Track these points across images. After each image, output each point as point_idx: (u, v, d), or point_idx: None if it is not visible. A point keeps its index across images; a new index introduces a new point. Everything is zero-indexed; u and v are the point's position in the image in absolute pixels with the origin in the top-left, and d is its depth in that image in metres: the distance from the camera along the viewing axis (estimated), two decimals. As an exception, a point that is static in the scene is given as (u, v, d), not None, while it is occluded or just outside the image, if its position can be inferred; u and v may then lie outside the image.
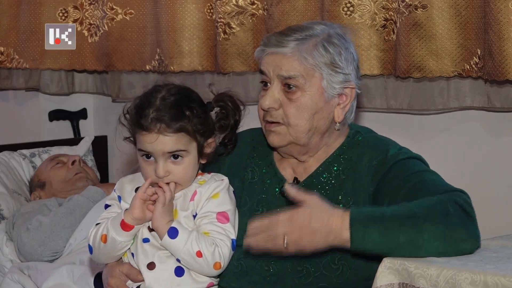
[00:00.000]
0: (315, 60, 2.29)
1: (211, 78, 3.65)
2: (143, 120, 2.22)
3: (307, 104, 2.30)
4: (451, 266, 1.99)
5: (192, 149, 2.26)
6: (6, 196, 3.61)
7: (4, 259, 3.38)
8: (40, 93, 4.15)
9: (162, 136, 2.22)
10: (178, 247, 2.20)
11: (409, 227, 2.07)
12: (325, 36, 2.32)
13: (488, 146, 3.04)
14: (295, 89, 2.30)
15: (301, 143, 2.33)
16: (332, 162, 2.36)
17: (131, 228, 2.24)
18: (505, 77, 2.75)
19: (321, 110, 2.32)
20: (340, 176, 2.34)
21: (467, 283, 1.94)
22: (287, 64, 2.29)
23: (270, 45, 2.32)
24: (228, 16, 3.43)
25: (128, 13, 3.75)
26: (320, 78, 2.30)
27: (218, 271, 2.25)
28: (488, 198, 3.02)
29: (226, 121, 2.35)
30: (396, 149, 2.34)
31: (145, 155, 2.26)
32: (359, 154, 2.34)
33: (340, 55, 2.31)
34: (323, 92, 2.31)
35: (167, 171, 2.24)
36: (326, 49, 2.30)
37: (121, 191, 2.34)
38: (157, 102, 2.23)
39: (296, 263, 2.27)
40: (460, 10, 2.91)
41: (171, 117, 2.22)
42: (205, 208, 2.27)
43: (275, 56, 2.31)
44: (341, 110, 2.34)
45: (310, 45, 2.30)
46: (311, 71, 2.29)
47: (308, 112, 2.30)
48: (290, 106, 2.30)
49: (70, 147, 3.96)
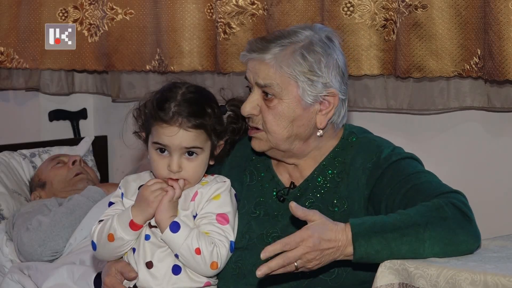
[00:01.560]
0: (290, 68, 2.26)
1: (211, 78, 3.65)
2: (164, 113, 2.23)
3: (284, 112, 2.28)
4: (451, 266, 1.99)
5: (206, 148, 2.28)
6: (6, 196, 3.61)
7: (4, 259, 3.38)
8: (40, 93, 4.15)
9: (182, 130, 2.23)
10: (178, 242, 2.20)
11: (411, 237, 2.07)
12: (306, 43, 2.28)
13: (488, 146, 3.04)
14: (272, 97, 2.28)
15: (281, 149, 2.32)
16: (327, 165, 2.35)
17: (140, 227, 2.25)
18: (505, 77, 2.75)
19: (300, 118, 2.29)
20: (335, 179, 2.33)
21: (467, 283, 1.94)
22: (263, 72, 2.28)
23: (252, 51, 2.30)
24: (228, 16, 3.43)
25: (128, 13, 3.75)
26: (296, 86, 2.27)
27: (215, 271, 2.26)
28: (488, 198, 3.02)
29: (237, 125, 2.37)
30: (389, 149, 2.32)
31: (160, 149, 2.26)
32: (353, 157, 2.33)
33: (320, 62, 2.27)
34: (300, 100, 2.28)
35: (180, 166, 2.25)
36: (304, 57, 2.26)
37: (126, 188, 2.34)
38: (179, 97, 2.25)
39: None
40: (460, 10, 2.91)
41: (193, 112, 2.24)
42: (205, 209, 2.28)
43: (255, 62, 2.30)
44: (323, 117, 2.31)
45: (287, 53, 2.27)
46: (286, 80, 2.27)
47: (285, 120, 2.28)
48: (268, 113, 2.29)
49: (70, 147, 3.97)
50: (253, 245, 2.33)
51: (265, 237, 2.33)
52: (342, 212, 2.29)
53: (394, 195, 2.22)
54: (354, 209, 2.29)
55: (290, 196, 2.35)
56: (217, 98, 2.39)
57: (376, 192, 2.26)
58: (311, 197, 2.33)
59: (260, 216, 2.36)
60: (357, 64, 3.12)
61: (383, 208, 2.22)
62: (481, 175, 3.06)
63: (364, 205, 2.28)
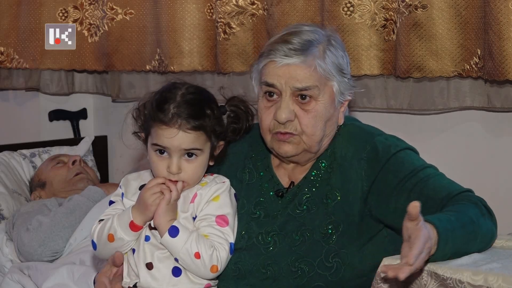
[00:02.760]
0: (328, 66, 2.28)
1: (211, 78, 3.65)
2: (163, 114, 2.22)
3: (321, 113, 2.30)
4: (453, 264, 2.00)
5: (206, 149, 2.28)
6: (6, 196, 3.61)
7: (4, 259, 3.38)
8: (40, 93, 4.16)
9: (182, 132, 2.22)
10: (177, 246, 2.20)
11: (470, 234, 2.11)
12: (326, 40, 2.31)
13: (488, 146, 3.04)
14: (309, 99, 2.29)
15: (313, 150, 2.33)
16: (321, 158, 2.36)
17: (140, 228, 2.25)
18: (505, 77, 2.75)
19: (332, 117, 2.33)
20: (327, 171, 2.34)
21: (468, 279, 1.95)
22: (301, 74, 2.27)
23: (279, 56, 2.28)
24: (228, 16, 3.43)
25: (128, 13, 3.75)
26: (332, 85, 2.30)
27: (215, 274, 2.26)
28: (488, 198, 3.01)
29: (238, 125, 2.37)
30: (383, 137, 2.34)
31: (159, 150, 2.26)
32: (343, 146, 2.34)
33: (343, 58, 2.32)
34: (334, 99, 2.31)
35: (180, 168, 2.24)
36: (332, 53, 2.30)
37: (126, 188, 2.34)
38: (178, 98, 2.24)
39: (291, 264, 2.27)
40: (460, 10, 2.91)
41: (192, 114, 2.23)
42: (204, 211, 2.27)
43: (287, 68, 2.28)
44: (342, 113, 2.36)
45: (320, 52, 2.28)
46: (324, 80, 2.29)
47: (322, 121, 2.30)
48: (306, 117, 2.29)
49: (70, 147, 3.97)
50: (253, 245, 2.33)
51: (264, 237, 2.33)
52: (336, 204, 2.30)
53: (403, 190, 2.23)
54: (349, 201, 2.29)
55: (289, 193, 2.36)
56: (217, 97, 2.39)
57: (380, 187, 2.27)
58: (307, 192, 2.34)
59: (261, 218, 2.36)
60: (357, 64, 3.12)
61: (393, 203, 2.23)
62: (481, 175, 3.05)
63: (362, 197, 2.28)
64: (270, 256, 2.30)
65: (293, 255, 2.28)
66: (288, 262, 2.27)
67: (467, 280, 1.95)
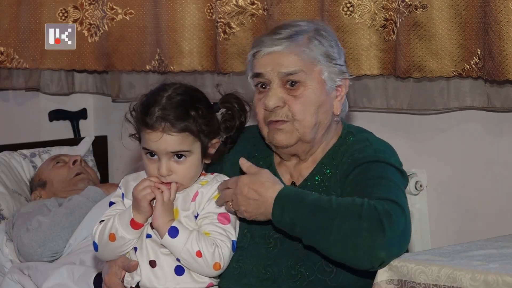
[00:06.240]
0: (312, 52, 2.30)
1: (211, 78, 3.66)
2: (148, 118, 2.22)
3: (310, 98, 2.30)
4: (452, 264, 2.00)
5: (195, 150, 2.27)
6: (6, 196, 3.61)
7: (4, 259, 3.38)
8: (40, 93, 4.15)
9: (166, 135, 2.22)
10: (178, 247, 2.20)
11: (321, 218, 2.10)
12: (314, 30, 2.34)
13: (488, 146, 3.04)
14: (298, 85, 2.30)
15: (307, 139, 2.33)
16: (325, 164, 2.36)
17: (141, 226, 2.25)
18: (505, 77, 2.75)
19: (324, 103, 2.33)
20: (331, 179, 2.34)
21: (468, 278, 1.95)
22: (286, 61, 2.29)
23: (264, 46, 2.32)
24: (228, 16, 3.43)
25: (128, 13, 3.75)
26: (320, 71, 2.31)
27: (218, 272, 2.25)
28: (488, 198, 3.02)
29: (232, 122, 2.36)
30: (372, 150, 2.30)
31: (149, 153, 2.26)
32: (344, 155, 2.34)
33: (332, 47, 2.33)
34: (324, 84, 2.32)
35: (170, 170, 2.24)
36: (320, 42, 2.32)
37: (126, 188, 2.34)
38: (163, 101, 2.24)
39: (291, 267, 2.27)
40: (460, 10, 2.91)
41: (176, 116, 2.22)
42: (206, 209, 2.28)
43: (272, 56, 2.30)
44: (338, 103, 2.36)
45: (304, 40, 2.31)
46: (310, 65, 2.30)
47: (313, 106, 2.30)
48: (295, 102, 2.30)
49: (70, 147, 3.97)
50: (254, 245, 2.33)
51: (266, 237, 2.33)
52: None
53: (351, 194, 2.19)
54: None
55: None
56: (215, 95, 2.39)
57: (344, 189, 2.27)
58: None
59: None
60: (357, 64, 3.12)
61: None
62: (481, 175, 3.05)
63: None
64: (271, 257, 2.30)
65: (293, 258, 2.27)
66: (288, 265, 2.27)
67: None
